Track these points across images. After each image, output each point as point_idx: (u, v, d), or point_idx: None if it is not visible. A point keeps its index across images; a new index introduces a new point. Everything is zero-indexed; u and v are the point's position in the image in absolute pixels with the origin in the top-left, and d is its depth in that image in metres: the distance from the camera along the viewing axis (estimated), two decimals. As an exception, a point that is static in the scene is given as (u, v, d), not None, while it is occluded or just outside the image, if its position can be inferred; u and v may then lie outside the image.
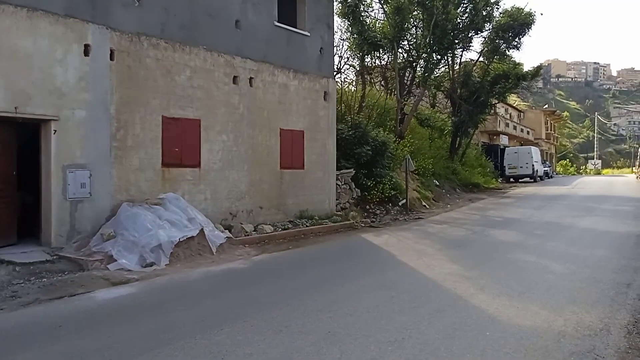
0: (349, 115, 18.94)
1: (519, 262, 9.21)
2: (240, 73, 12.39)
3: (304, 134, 14.38)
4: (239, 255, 10.04)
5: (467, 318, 5.93)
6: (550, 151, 62.72)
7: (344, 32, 22.66)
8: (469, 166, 30.96)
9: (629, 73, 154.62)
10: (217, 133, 11.93)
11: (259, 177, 12.95)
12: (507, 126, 45.34)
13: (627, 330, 5.36)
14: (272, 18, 13.27)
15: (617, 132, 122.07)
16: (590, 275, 7.93)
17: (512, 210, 18.07)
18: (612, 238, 11.62)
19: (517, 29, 26.94)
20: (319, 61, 14.95)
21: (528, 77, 29.99)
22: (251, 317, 5.94)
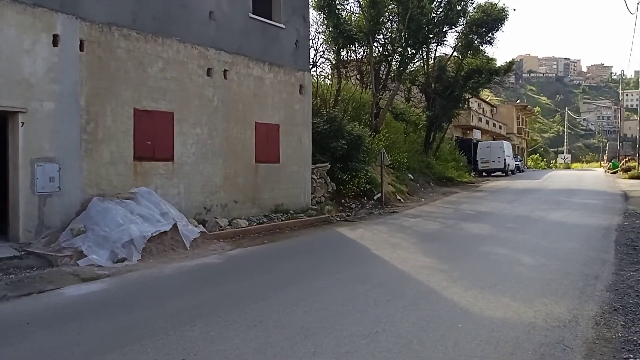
0: (324, 109, 18.91)
1: (491, 255, 9.36)
2: (214, 65, 12.24)
3: (280, 128, 14.30)
4: (213, 250, 9.95)
5: (440, 310, 5.99)
6: (521, 145, 63.85)
7: (319, 25, 22.59)
8: (443, 160, 31.31)
9: (598, 69, 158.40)
10: (191, 126, 11.77)
11: (234, 171, 12.84)
12: (480, 121, 45.97)
13: (595, 322, 5.48)
14: (246, 9, 13.12)
15: (586, 127, 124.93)
16: (559, 268, 8.11)
17: (485, 203, 18.35)
18: (581, 231, 11.90)
19: (491, 24, 27.28)
20: (295, 54, 14.87)
21: (501, 72, 30.45)
22: (225, 312, 5.89)
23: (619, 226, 12.14)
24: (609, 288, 6.79)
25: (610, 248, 9.55)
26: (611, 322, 5.46)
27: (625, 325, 5.37)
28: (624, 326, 5.34)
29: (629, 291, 6.62)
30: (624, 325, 5.35)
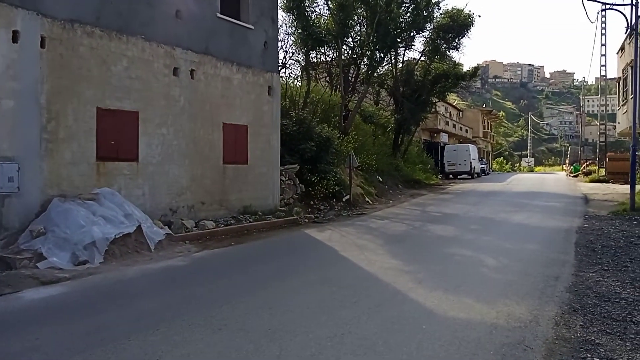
0: (293, 111, 18.89)
1: (455, 256, 9.50)
2: (181, 65, 12.07)
3: (248, 129, 14.20)
4: (179, 252, 9.79)
5: (405, 312, 6.04)
6: (487, 149, 65.22)
7: (289, 26, 22.59)
8: (410, 163, 31.68)
9: (560, 75, 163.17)
10: (157, 126, 11.57)
11: (201, 172, 12.68)
12: (447, 124, 46.74)
13: (554, 322, 5.61)
14: (214, 9, 13.00)
15: (549, 131, 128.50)
16: (521, 269, 8.29)
17: (451, 206, 18.64)
18: (543, 233, 12.20)
19: (457, 30, 27.75)
20: (263, 55, 14.80)
21: (467, 77, 31.05)
22: (189, 316, 5.80)
23: (579, 228, 12.50)
24: (569, 289, 6.96)
25: (570, 250, 9.81)
26: (570, 322, 5.60)
27: (584, 325, 5.51)
28: (582, 326, 5.48)
29: (587, 292, 6.81)
30: (582, 326, 5.49)
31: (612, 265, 8.32)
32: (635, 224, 12.86)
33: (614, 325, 5.48)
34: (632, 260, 8.72)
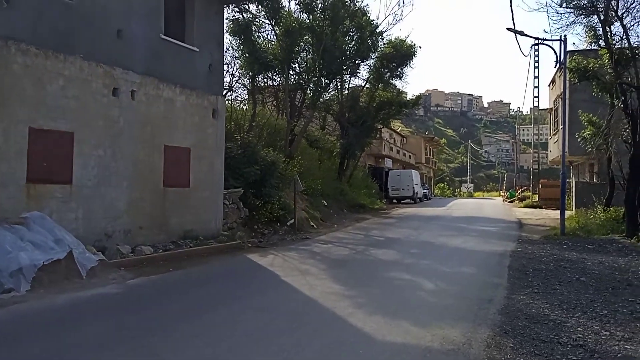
0: (238, 134, 18.80)
1: (395, 280, 9.63)
2: (121, 85, 11.78)
3: (191, 152, 13.97)
4: (113, 279, 9.39)
5: (343, 337, 6.04)
6: (429, 174, 67.14)
7: (235, 50, 22.63)
8: (356, 187, 32.09)
9: (498, 105, 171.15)
10: (93, 147, 11.18)
11: (140, 195, 12.31)
12: (392, 150, 47.86)
13: (486, 344, 5.76)
14: (158, 30, 12.84)
15: (487, 158, 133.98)
16: (457, 292, 8.50)
17: (393, 230, 18.96)
18: (478, 257, 12.61)
19: (400, 60, 28.75)
20: (208, 78, 14.70)
21: (409, 105, 32.13)
22: (119, 347, 5.55)
23: (513, 252, 12.99)
24: (501, 311, 7.19)
25: (504, 273, 10.17)
26: (501, 344, 5.77)
27: (514, 347, 5.69)
28: (512, 348, 5.65)
29: (518, 314, 7.06)
30: (512, 347, 5.67)
31: (542, 288, 8.68)
32: (565, 248, 13.52)
33: (542, 347, 5.69)
34: (560, 283, 9.13)
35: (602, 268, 10.57)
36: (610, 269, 10.41)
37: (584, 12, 16.33)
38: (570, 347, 5.67)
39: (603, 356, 5.41)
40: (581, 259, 11.61)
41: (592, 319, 6.77)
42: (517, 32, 17.19)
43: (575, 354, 5.46)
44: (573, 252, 12.59)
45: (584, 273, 9.98)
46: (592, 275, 9.83)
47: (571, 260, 11.47)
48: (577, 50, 21.07)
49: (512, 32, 17.12)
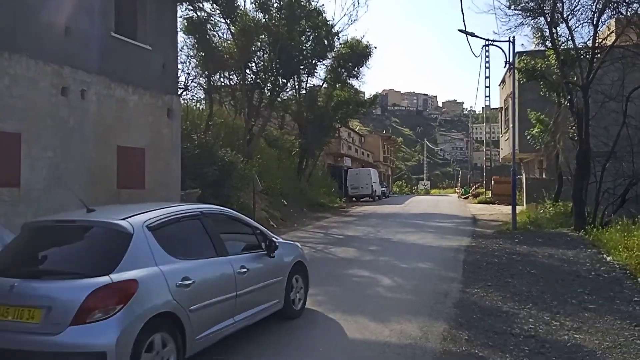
0: (195, 134, 18.52)
1: (354, 278, 9.71)
2: (70, 84, 11.39)
3: (145, 152, 13.66)
4: (65, 284, 9.08)
5: (303, 335, 6.06)
6: (387, 173, 68.06)
7: (190, 49, 22.29)
8: (315, 186, 32.18)
9: (452, 104, 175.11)
10: (42, 149, 10.77)
11: (93, 198, 11.89)
12: (350, 149, 48.22)
13: (442, 337, 5.90)
14: (108, 28, 12.49)
15: (443, 156, 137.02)
16: (414, 287, 8.66)
17: (352, 228, 19.11)
18: (435, 252, 12.87)
19: (356, 60, 29.03)
20: (162, 77, 14.41)
21: (367, 105, 32.52)
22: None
23: (467, 247, 13.32)
24: (456, 305, 7.38)
25: (459, 267, 10.42)
26: (457, 337, 5.92)
27: (469, 339, 5.85)
28: (467, 340, 5.81)
29: (473, 307, 7.26)
30: (467, 340, 5.83)
31: (495, 281, 8.95)
32: (517, 242, 13.95)
33: (496, 338, 5.88)
34: (512, 275, 9.43)
35: (552, 260, 10.99)
36: (559, 262, 10.83)
37: (531, 14, 16.88)
38: (523, 338, 5.87)
39: (554, 346, 5.63)
40: (532, 252, 12.03)
41: (543, 310, 7.04)
42: (468, 34, 17.63)
43: (527, 344, 5.66)
44: (524, 246, 13.02)
45: (534, 266, 10.35)
46: (543, 267, 10.21)
47: (522, 254, 11.87)
48: (526, 51, 21.80)
49: (463, 34, 17.55)
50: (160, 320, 4.27)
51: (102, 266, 4.25)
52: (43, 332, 3.91)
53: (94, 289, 4.00)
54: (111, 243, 4.53)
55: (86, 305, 3.93)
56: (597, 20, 15.41)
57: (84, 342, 3.87)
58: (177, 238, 5.01)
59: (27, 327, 3.96)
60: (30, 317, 3.97)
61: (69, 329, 3.88)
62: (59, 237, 4.87)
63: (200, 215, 5.48)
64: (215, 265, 5.22)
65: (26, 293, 4.09)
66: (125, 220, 4.61)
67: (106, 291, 4.04)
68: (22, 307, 4.03)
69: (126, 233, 4.48)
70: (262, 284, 5.83)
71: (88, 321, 3.92)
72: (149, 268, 4.40)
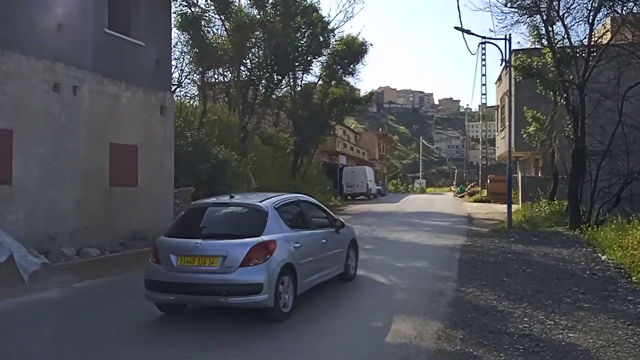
0: (188, 131, 18.41)
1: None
2: (62, 80, 11.27)
3: (138, 149, 13.55)
4: (57, 282, 8.97)
5: (298, 334, 5.99)
6: (382, 171, 67.99)
7: (184, 45, 22.14)
8: (310, 184, 32.07)
9: (448, 102, 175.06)
10: (34, 146, 10.66)
11: (85, 195, 11.83)
12: (345, 147, 48.14)
13: (437, 336, 5.85)
14: (101, 24, 12.36)
15: (439, 154, 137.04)
16: (409, 286, 8.61)
17: (348, 226, 18.98)
18: (430, 251, 12.83)
19: (352, 57, 28.93)
20: (155, 73, 14.29)
21: (362, 102, 32.41)
22: (64, 353, 5.32)
23: (463, 246, 13.28)
24: (451, 304, 7.33)
25: (454, 266, 10.38)
26: (451, 336, 5.87)
27: (464, 338, 5.80)
28: (462, 340, 5.75)
29: (467, 306, 7.21)
30: (462, 339, 5.77)
31: (491, 280, 8.90)
32: (512, 240, 13.93)
33: (490, 337, 5.83)
34: (508, 274, 9.39)
35: (547, 259, 10.96)
36: (554, 260, 10.81)
37: (527, 12, 16.83)
38: (517, 337, 5.83)
39: (548, 345, 5.58)
40: (527, 251, 12.00)
41: (538, 309, 6.99)
42: (464, 31, 17.55)
43: (521, 343, 5.62)
44: (519, 245, 13.00)
45: (529, 265, 10.32)
46: (538, 266, 10.17)
47: (518, 253, 11.84)
48: (522, 49, 21.75)
49: (459, 31, 17.47)
50: (286, 268, 6.35)
51: (254, 231, 6.34)
52: (220, 272, 6.02)
53: (253, 245, 6.10)
54: (256, 216, 6.61)
55: (249, 255, 6.01)
56: (592, 18, 15.39)
57: (249, 278, 5.97)
58: (289, 215, 7.18)
59: (209, 269, 6.08)
60: (211, 263, 6.09)
61: (238, 270, 5.97)
62: (219, 213, 7.24)
63: (297, 201, 7.77)
64: (311, 236, 7.35)
65: (207, 248, 6.16)
66: (262, 203, 6.82)
67: (260, 246, 6.12)
68: (204, 256, 6.13)
69: (264, 211, 6.63)
70: (332, 253, 7.95)
71: (250, 265, 5.99)
72: (279, 234, 6.48)
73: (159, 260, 6.49)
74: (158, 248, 6.60)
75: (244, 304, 6.12)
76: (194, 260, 6.17)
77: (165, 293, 6.36)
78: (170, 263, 6.28)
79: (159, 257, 6.49)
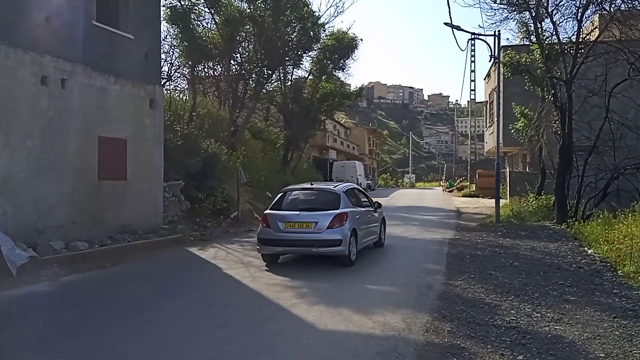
0: (178, 125, 18.31)
1: (338, 270, 9.68)
2: (50, 73, 11.14)
3: (127, 143, 13.44)
4: (45, 276, 8.94)
5: (286, 327, 6.05)
6: (372, 165, 68.17)
7: (173, 38, 21.96)
8: (300, 179, 31.97)
9: (437, 98, 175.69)
10: (21, 139, 10.53)
11: (73, 189, 11.74)
12: (336, 142, 48.18)
13: (425, 329, 5.92)
14: (90, 16, 12.22)
15: (428, 149, 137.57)
16: (398, 280, 8.69)
17: (337, 220, 19.04)
18: (419, 244, 12.93)
19: (342, 52, 28.89)
20: (145, 66, 14.17)
21: (352, 97, 32.40)
22: (53, 345, 5.31)
23: (451, 239, 13.41)
24: (439, 297, 7.41)
25: (443, 260, 10.49)
26: (439, 328, 5.95)
27: (451, 330, 5.88)
28: (450, 332, 5.83)
29: (455, 299, 7.30)
30: (450, 331, 5.85)
31: (478, 273, 9.01)
32: (500, 234, 14.09)
33: (478, 329, 5.91)
34: (495, 268, 9.51)
35: (534, 253, 11.10)
36: (541, 254, 10.95)
37: (516, 8, 16.95)
38: (504, 329, 5.91)
39: (535, 337, 5.67)
40: (515, 245, 12.14)
41: (525, 302, 7.10)
42: (454, 27, 17.64)
43: (508, 335, 5.70)
44: (507, 239, 13.15)
45: (517, 258, 10.45)
46: (525, 260, 10.30)
47: (505, 247, 11.98)
48: (511, 45, 21.92)
49: (449, 27, 17.54)
50: (353, 231, 9.57)
51: (333, 206, 9.62)
52: (314, 232, 9.29)
53: (335, 215, 9.36)
54: (334, 197, 9.96)
55: (332, 222, 9.27)
56: (581, 15, 15.54)
57: (333, 236, 9.23)
58: (351, 197, 10.38)
59: (306, 230, 9.36)
60: (307, 226, 9.36)
61: (325, 231, 9.24)
62: (306, 194, 10.39)
63: (353, 188, 11.23)
64: (363, 212, 10.67)
65: (305, 217, 9.45)
66: (335, 188, 10.36)
67: (339, 216, 9.34)
68: (303, 222, 9.42)
69: (338, 194, 10.00)
70: (373, 225, 11.36)
71: (334, 227, 9.25)
72: (348, 209, 9.72)
73: (269, 225, 9.69)
74: (268, 217, 9.82)
75: (329, 252, 9.46)
76: (294, 224, 9.50)
77: (275, 246, 9.66)
78: (278, 227, 9.54)
79: (269, 223, 9.69)
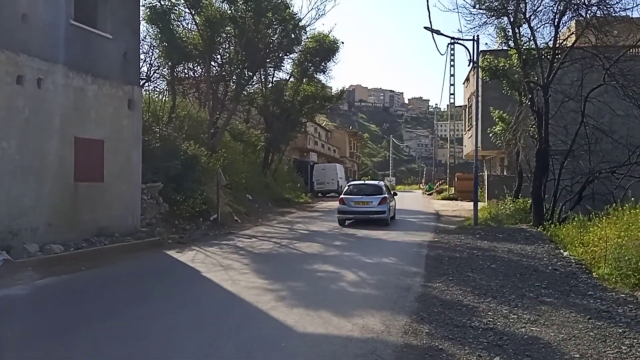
0: (157, 126, 18.11)
1: (318, 273, 9.70)
2: (26, 73, 10.93)
3: (104, 144, 13.25)
4: (19, 279, 8.75)
5: (265, 331, 6.00)
6: (353, 168, 68.38)
7: (153, 39, 21.75)
8: (281, 181, 32.03)
9: (417, 101, 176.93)
10: (-5, 140, 10.32)
11: (48, 190, 11.52)
12: (316, 144, 48.22)
13: (404, 331, 5.94)
14: (67, 15, 12.03)
15: (408, 152, 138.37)
16: (378, 282, 8.72)
17: (318, 223, 19.13)
18: (399, 247, 13.00)
19: (323, 54, 28.98)
20: (123, 66, 14.00)
21: (333, 100, 32.55)
22: (27, 350, 5.18)
23: (430, 242, 13.51)
24: (418, 299, 7.45)
25: (422, 262, 10.55)
26: (418, 330, 5.97)
27: (430, 332, 5.91)
28: (428, 333, 5.86)
29: (434, 300, 7.34)
30: (428, 333, 5.88)
31: (457, 275, 9.08)
32: (478, 237, 14.23)
33: (456, 331, 5.95)
34: (473, 270, 9.59)
35: (511, 255, 11.24)
36: (518, 256, 11.09)
37: (495, 13, 17.17)
38: (482, 331, 5.97)
39: (511, 338, 5.73)
40: (492, 247, 12.28)
41: (502, 304, 7.17)
42: (434, 31, 17.80)
43: (485, 336, 5.76)
44: (485, 241, 13.29)
45: (494, 260, 10.56)
46: (502, 262, 10.42)
47: (483, 249, 12.10)
48: (489, 50, 22.18)
49: (429, 31, 17.69)
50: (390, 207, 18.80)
51: (380, 193, 18.47)
52: (371, 207, 18.08)
53: (381, 198, 18.15)
54: (379, 188, 18.99)
55: (380, 201, 18.06)
56: (558, 21, 15.82)
57: (381, 209, 17.96)
58: (386, 188, 19.37)
59: (367, 206, 18.15)
60: (367, 204, 18.16)
61: (377, 206, 17.97)
62: (364, 186, 19.67)
63: (384, 183, 21.27)
64: (391, 196, 20.01)
65: (366, 199, 18.28)
66: (379, 183, 20.52)
67: (384, 198, 18.14)
68: (365, 202, 18.22)
69: (381, 186, 19.28)
70: (392, 204, 19.79)
71: (381, 204, 18.01)
72: (387, 195, 18.55)
73: (344, 203, 18.14)
74: (344, 198, 18.23)
75: (378, 218, 17.78)
76: (359, 203, 17.98)
77: (349, 214, 18.23)
78: (351, 204, 18.05)
79: (345, 202, 18.15)
